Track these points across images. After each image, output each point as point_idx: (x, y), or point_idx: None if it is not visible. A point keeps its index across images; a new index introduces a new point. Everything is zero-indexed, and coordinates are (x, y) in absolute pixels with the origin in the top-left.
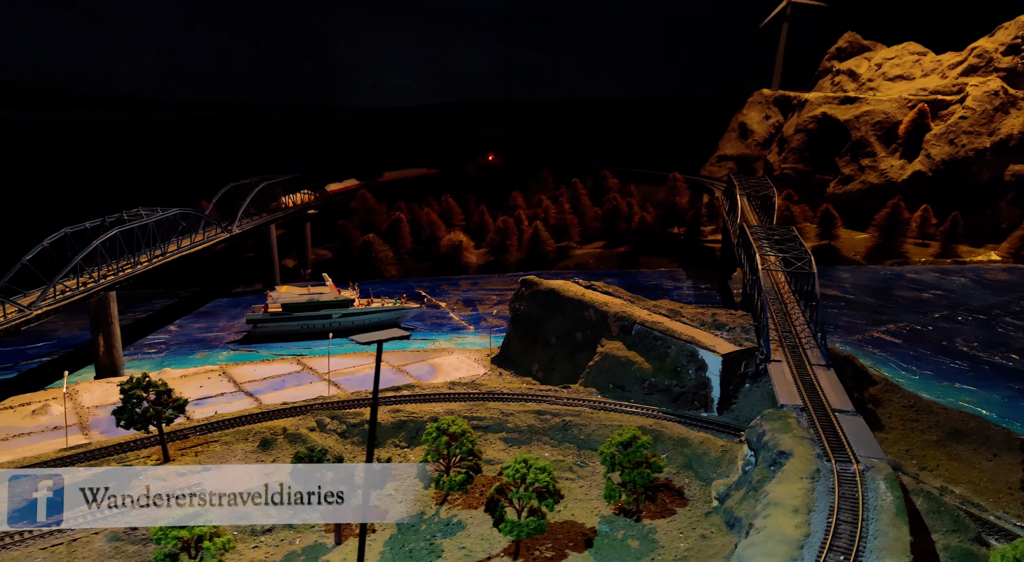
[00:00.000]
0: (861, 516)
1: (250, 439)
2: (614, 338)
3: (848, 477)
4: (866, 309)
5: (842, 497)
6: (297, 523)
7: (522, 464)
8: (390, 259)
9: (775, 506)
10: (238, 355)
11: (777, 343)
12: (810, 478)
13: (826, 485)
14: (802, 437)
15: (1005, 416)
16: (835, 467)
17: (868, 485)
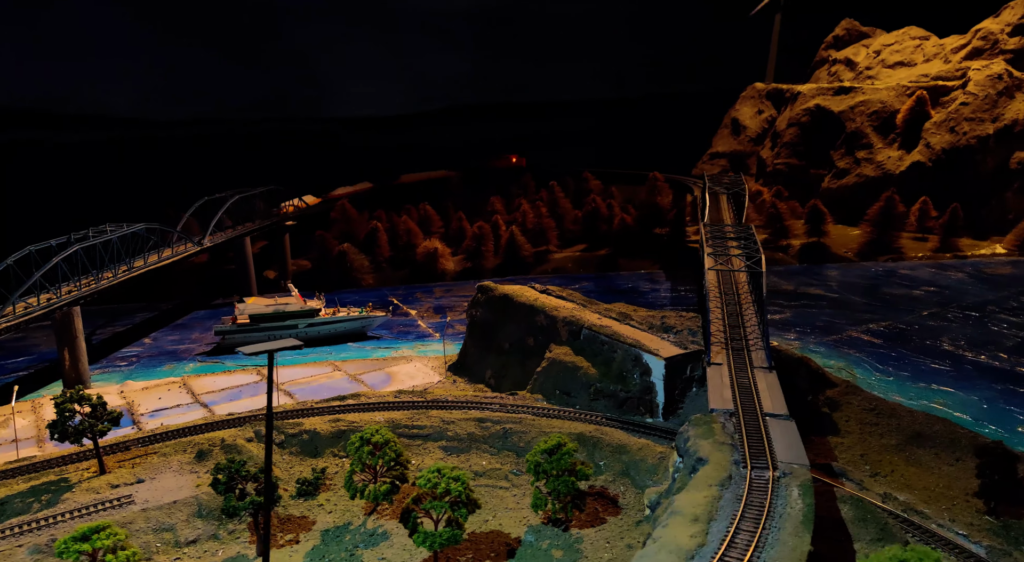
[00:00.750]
0: (762, 525)
1: (188, 450)
2: (563, 343)
3: (761, 484)
4: (850, 308)
5: (748, 505)
6: (223, 535)
7: (435, 474)
8: (366, 268)
9: (676, 515)
10: (204, 367)
11: (722, 345)
12: (719, 485)
13: (735, 493)
14: (722, 443)
15: (980, 418)
16: (750, 474)
17: (779, 492)
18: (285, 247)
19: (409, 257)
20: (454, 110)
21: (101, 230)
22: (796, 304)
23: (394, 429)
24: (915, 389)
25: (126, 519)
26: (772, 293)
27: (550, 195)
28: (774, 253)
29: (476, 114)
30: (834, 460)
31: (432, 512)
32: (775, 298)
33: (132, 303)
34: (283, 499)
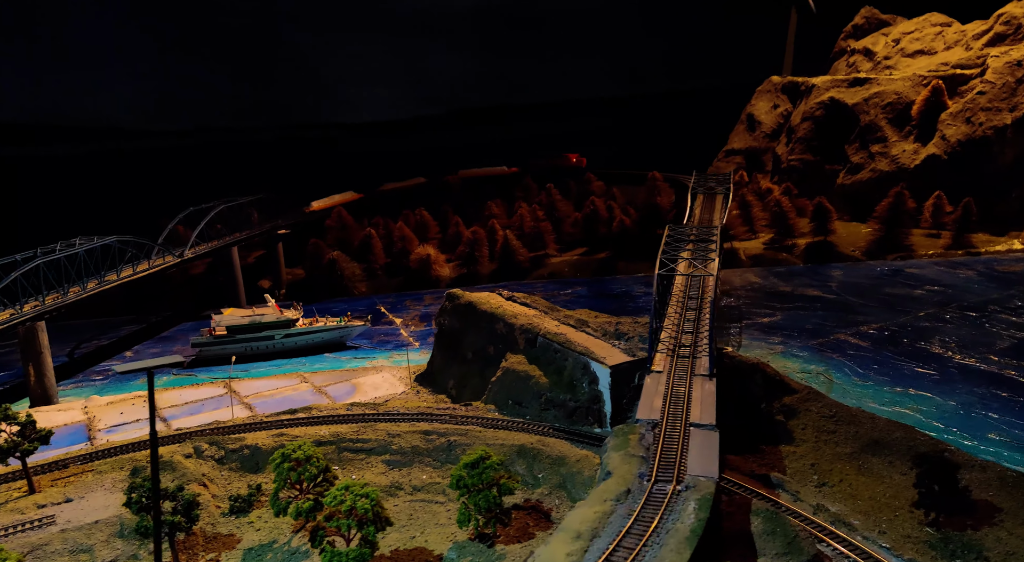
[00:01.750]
0: (644, 542)
1: (125, 467)
2: (519, 351)
3: (658, 498)
4: (844, 310)
5: (637, 521)
6: (142, 555)
7: (343, 491)
8: (358, 276)
9: (561, 531)
10: (176, 380)
11: (669, 352)
12: (615, 500)
13: (629, 507)
14: (632, 455)
15: (951, 424)
16: (651, 487)
17: (674, 507)
18: (279, 256)
19: (403, 264)
20: (460, 112)
21: (71, 244)
22: (789, 306)
23: (339, 443)
24: (891, 394)
25: (42, 541)
26: (768, 295)
27: (548, 198)
28: (777, 253)
29: (484, 116)
30: (780, 470)
31: (343, 530)
32: (769, 300)
33: (122, 315)
34: (214, 516)
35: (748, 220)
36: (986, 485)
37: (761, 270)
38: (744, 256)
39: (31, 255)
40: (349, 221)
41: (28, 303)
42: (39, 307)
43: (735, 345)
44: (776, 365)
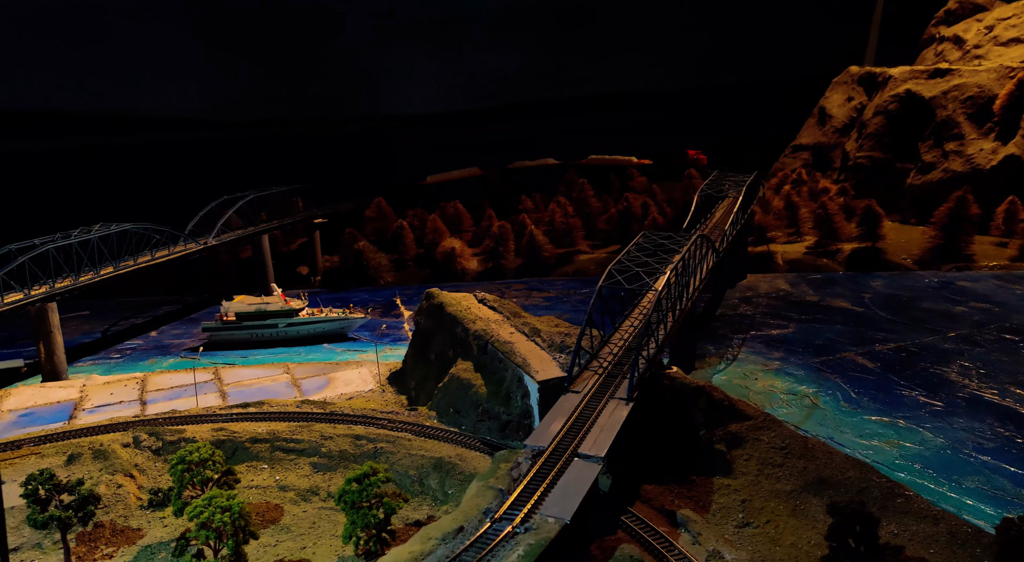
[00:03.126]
0: None
1: (65, 453)
2: (471, 358)
3: (486, 541)
4: (866, 325)
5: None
6: (47, 545)
7: (205, 502)
8: (384, 266)
9: None
10: (179, 363)
11: (600, 371)
12: (440, 539)
13: (449, 550)
14: (490, 488)
15: (929, 465)
16: (488, 527)
17: (501, 550)
18: (316, 245)
19: (432, 256)
20: (517, 105)
21: (88, 230)
22: (807, 318)
23: (273, 441)
24: (876, 425)
25: None
26: (791, 304)
27: (579, 193)
28: (818, 259)
29: (541, 109)
30: (704, 506)
31: (210, 541)
32: (789, 311)
33: (161, 296)
34: (131, 508)
35: (794, 222)
36: (930, 541)
37: (795, 276)
38: (781, 261)
39: (50, 239)
40: (388, 212)
41: (40, 286)
42: (48, 290)
43: (730, 359)
44: (762, 383)
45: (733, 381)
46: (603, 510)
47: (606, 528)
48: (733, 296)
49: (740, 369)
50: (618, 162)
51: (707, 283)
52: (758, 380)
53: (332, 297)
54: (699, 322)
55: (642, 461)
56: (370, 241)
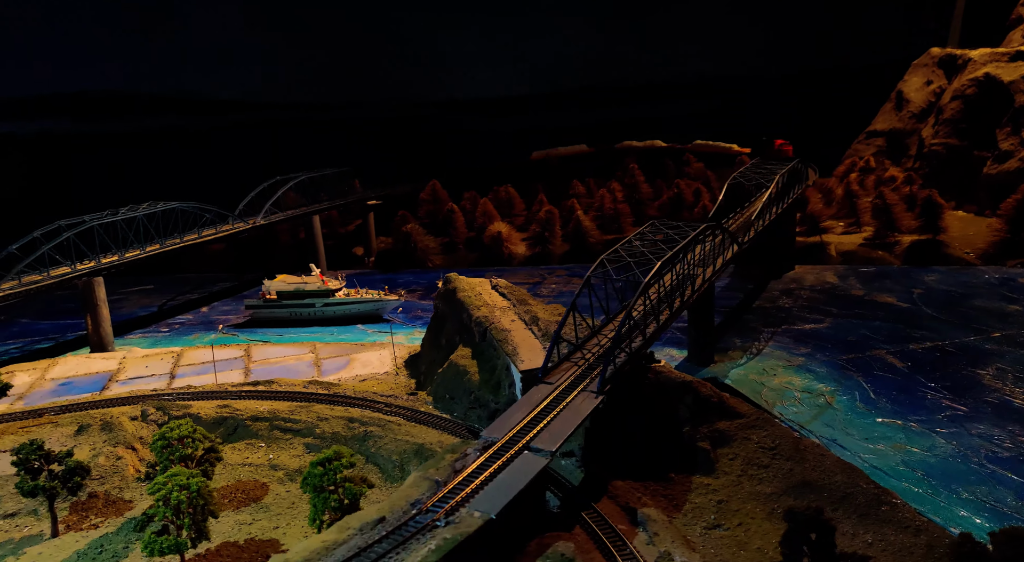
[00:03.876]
0: None
1: (76, 424)
2: (472, 344)
3: (404, 533)
4: (907, 322)
5: (356, 556)
6: (41, 511)
7: (166, 480)
8: (433, 249)
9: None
10: (220, 338)
11: (580, 362)
12: (359, 530)
13: (364, 540)
14: (427, 479)
15: (932, 472)
16: (410, 519)
17: (414, 543)
18: (370, 226)
19: (480, 240)
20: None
21: (135, 208)
22: (846, 313)
23: (272, 420)
24: (886, 427)
25: None
26: (833, 298)
27: (629, 178)
28: (873, 251)
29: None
30: (677, 505)
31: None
32: (829, 304)
33: (221, 273)
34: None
35: (853, 211)
36: (905, 552)
37: (846, 269)
38: (835, 252)
39: (99, 216)
40: (442, 195)
41: (88, 261)
42: (95, 265)
43: (753, 353)
44: (779, 380)
45: (749, 376)
46: (567, 505)
47: (561, 523)
48: (776, 288)
49: (760, 364)
50: (720, 149)
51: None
52: (776, 376)
53: (381, 278)
54: (733, 314)
55: (620, 457)
56: (422, 224)
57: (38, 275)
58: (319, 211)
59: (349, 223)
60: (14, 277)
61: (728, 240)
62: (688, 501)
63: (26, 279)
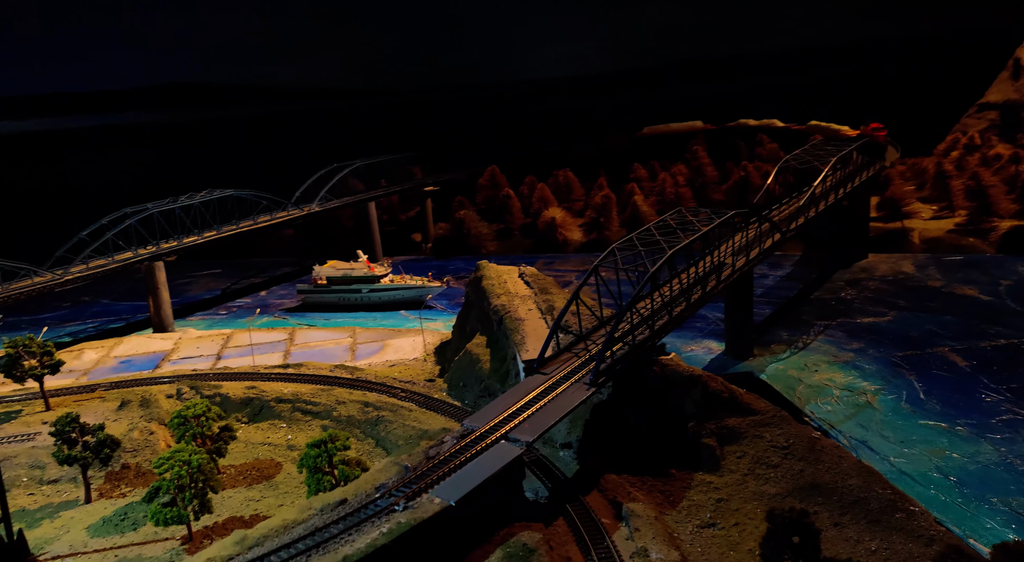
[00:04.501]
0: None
1: (121, 399)
2: (489, 333)
3: (362, 515)
4: (982, 317)
5: (311, 535)
6: (80, 480)
7: (169, 456)
8: (486, 235)
9: (235, 534)
10: (271, 322)
11: (582, 352)
12: (320, 510)
13: (322, 519)
14: (398, 464)
15: (969, 480)
16: (372, 502)
17: (367, 526)
18: (427, 212)
19: (535, 226)
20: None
21: (192, 195)
22: (913, 306)
23: (295, 402)
24: (928, 429)
25: (13, 453)
26: (903, 289)
27: (694, 160)
28: (963, 238)
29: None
30: (672, 501)
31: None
32: (897, 297)
33: (287, 258)
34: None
35: (946, 193)
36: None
37: (927, 258)
38: (917, 239)
39: (162, 204)
40: (501, 180)
41: (149, 246)
42: (155, 250)
43: (799, 347)
44: (819, 376)
45: (788, 372)
46: (555, 496)
47: (542, 514)
48: (842, 277)
49: (803, 359)
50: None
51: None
52: (817, 372)
53: (436, 265)
54: (787, 306)
55: (620, 450)
56: (479, 210)
57: (104, 260)
58: (374, 198)
59: (410, 209)
60: (81, 262)
61: (771, 229)
62: (686, 498)
63: (93, 264)
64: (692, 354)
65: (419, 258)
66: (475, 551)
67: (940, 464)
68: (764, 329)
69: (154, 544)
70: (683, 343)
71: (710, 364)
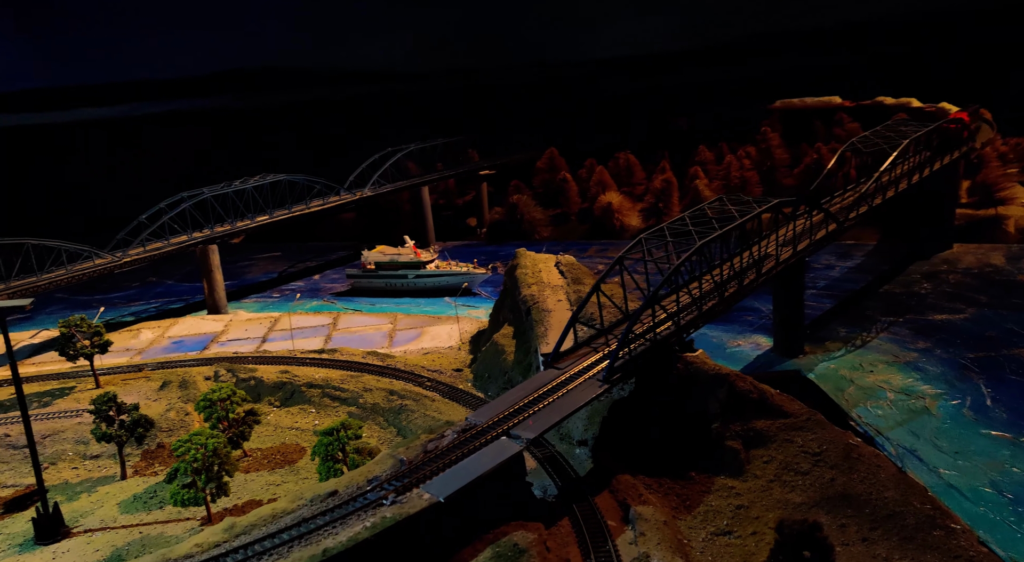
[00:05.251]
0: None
1: (162, 379)
2: (518, 323)
3: (350, 506)
4: None
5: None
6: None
7: (187, 439)
8: (540, 221)
9: (225, 522)
10: (319, 306)
11: (602, 346)
12: (310, 502)
13: (310, 510)
14: (393, 457)
15: (1021, 498)
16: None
17: (353, 519)
18: (483, 197)
19: (591, 211)
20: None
21: (246, 180)
22: (995, 303)
23: (324, 387)
24: (989, 441)
25: (62, 427)
26: (986, 284)
27: (763, 142)
28: None
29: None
30: (688, 505)
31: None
32: (979, 292)
33: (345, 242)
34: None
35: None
36: None
37: (1022, 249)
38: (1013, 228)
39: (216, 189)
40: (560, 163)
41: (203, 230)
42: (209, 233)
43: (856, 345)
44: (874, 378)
45: (839, 372)
46: (564, 495)
47: (546, 514)
48: (919, 270)
49: (860, 358)
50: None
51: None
52: (872, 373)
53: (490, 250)
54: (851, 300)
55: (638, 450)
56: (536, 194)
57: (160, 243)
58: (427, 182)
59: (467, 193)
60: (139, 245)
61: (826, 218)
62: (703, 503)
63: (150, 246)
64: (737, 349)
65: (473, 243)
66: (465, 549)
67: (996, 478)
68: (820, 324)
69: (176, 523)
70: (729, 338)
71: (755, 361)
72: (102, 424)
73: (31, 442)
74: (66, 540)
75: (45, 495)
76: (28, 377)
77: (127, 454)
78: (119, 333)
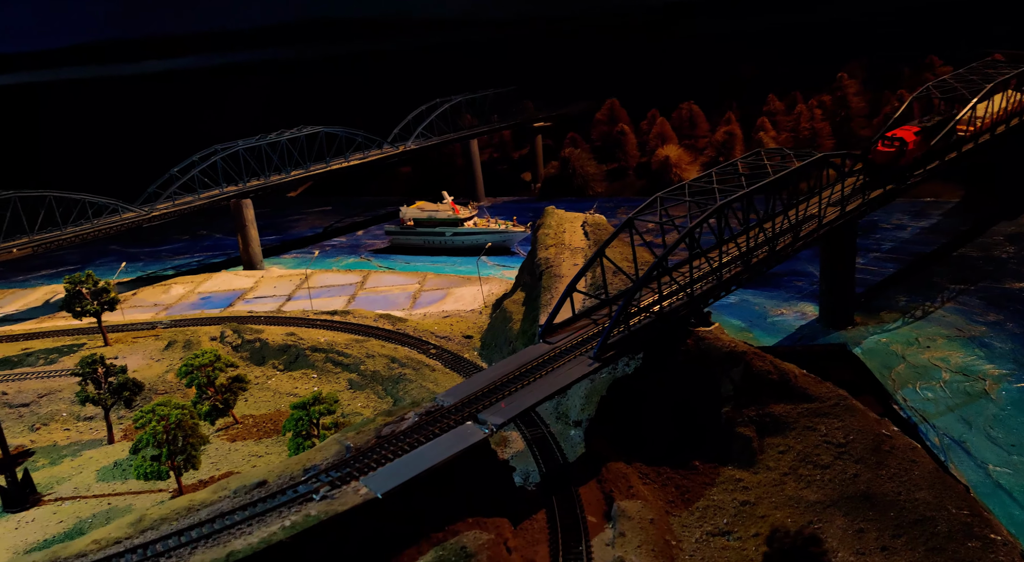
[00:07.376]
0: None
1: (168, 339)
2: (529, 288)
3: (273, 500)
4: None
5: (208, 522)
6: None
7: (150, 409)
8: (593, 175)
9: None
10: (355, 263)
11: (601, 319)
12: (234, 492)
13: (230, 504)
14: (338, 442)
15: None
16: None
17: (271, 516)
18: (537, 150)
19: (649, 166)
20: None
21: (281, 133)
22: None
23: (328, 351)
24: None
25: (59, 386)
26: None
27: (838, 90)
28: None
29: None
30: (686, 499)
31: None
32: None
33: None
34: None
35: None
36: None
37: None
38: None
39: (249, 141)
40: (621, 115)
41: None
42: (241, 188)
43: (915, 316)
44: (929, 354)
45: (891, 346)
46: (545, 485)
47: (517, 507)
48: (1003, 230)
49: (917, 331)
50: None
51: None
52: (929, 349)
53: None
54: (918, 263)
55: (637, 435)
56: (594, 147)
57: (190, 197)
58: (475, 135)
59: (524, 147)
60: (168, 198)
61: None
62: (704, 497)
63: (179, 201)
64: (780, 319)
65: (525, 199)
66: (404, 552)
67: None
68: (877, 292)
69: (147, 495)
70: (773, 305)
71: (796, 332)
72: (88, 386)
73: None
74: (34, 508)
75: (13, 464)
76: (38, 332)
77: (121, 417)
78: (153, 288)
